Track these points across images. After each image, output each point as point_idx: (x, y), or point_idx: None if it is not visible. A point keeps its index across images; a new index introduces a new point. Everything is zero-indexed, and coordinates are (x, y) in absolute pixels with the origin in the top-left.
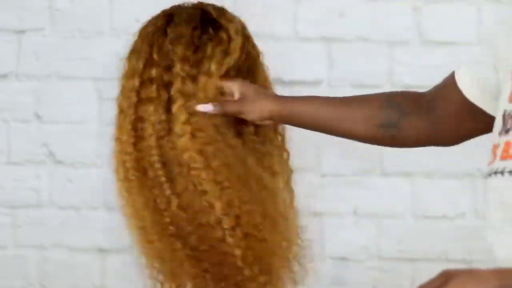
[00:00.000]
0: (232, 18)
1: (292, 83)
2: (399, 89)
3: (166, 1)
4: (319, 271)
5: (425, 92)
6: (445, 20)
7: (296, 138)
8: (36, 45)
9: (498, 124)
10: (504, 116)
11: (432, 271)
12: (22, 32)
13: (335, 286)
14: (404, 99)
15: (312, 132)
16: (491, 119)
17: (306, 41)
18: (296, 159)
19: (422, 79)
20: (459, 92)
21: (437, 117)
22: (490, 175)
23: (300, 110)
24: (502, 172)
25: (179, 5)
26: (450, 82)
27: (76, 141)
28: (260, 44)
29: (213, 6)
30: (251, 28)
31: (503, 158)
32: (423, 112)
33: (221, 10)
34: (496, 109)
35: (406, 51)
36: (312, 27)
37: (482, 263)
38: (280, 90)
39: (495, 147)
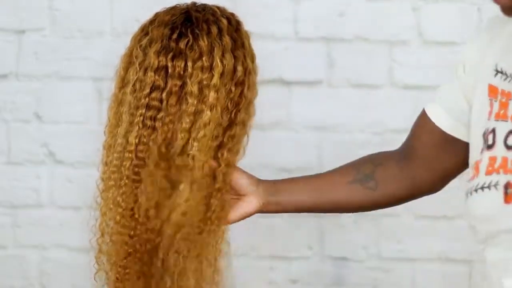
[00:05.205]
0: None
1: (292, 83)
2: (399, 89)
3: (166, 1)
4: (319, 271)
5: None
6: (445, 20)
7: (296, 138)
8: (36, 45)
9: (477, 144)
10: (484, 134)
11: (432, 271)
12: (22, 32)
13: (335, 286)
14: (376, 154)
15: (312, 132)
16: (467, 147)
17: (306, 41)
18: (296, 159)
19: (422, 79)
20: (433, 125)
21: (414, 159)
22: (476, 190)
23: (287, 202)
24: (489, 187)
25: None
26: (422, 119)
27: (76, 141)
28: (260, 44)
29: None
30: (251, 28)
31: (489, 172)
32: (399, 159)
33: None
34: (469, 135)
35: (406, 51)
36: (312, 27)
37: (482, 264)
38: (280, 90)
39: (477, 163)
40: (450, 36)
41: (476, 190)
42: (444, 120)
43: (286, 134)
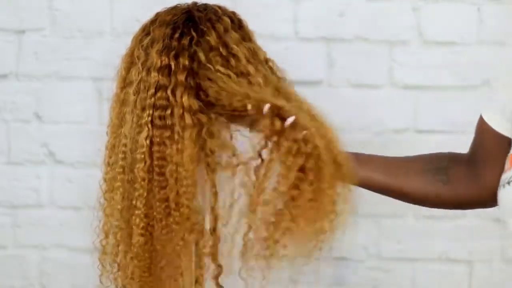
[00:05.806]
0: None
1: (292, 83)
2: (399, 89)
3: (166, 1)
4: (319, 271)
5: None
6: (445, 20)
7: None
8: (36, 45)
9: None
10: None
11: (432, 271)
12: (22, 32)
13: (335, 286)
14: (446, 153)
15: None
16: None
17: (306, 41)
18: None
19: (422, 79)
20: (490, 129)
21: (481, 163)
22: (508, 183)
23: (363, 175)
24: None
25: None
26: (480, 124)
27: (76, 141)
28: (260, 44)
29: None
30: (251, 28)
31: None
32: (467, 162)
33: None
34: None
35: (406, 51)
36: (312, 27)
37: (483, 263)
38: None
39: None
40: (450, 36)
41: (509, 183)
42: (498, 122)
43: None
